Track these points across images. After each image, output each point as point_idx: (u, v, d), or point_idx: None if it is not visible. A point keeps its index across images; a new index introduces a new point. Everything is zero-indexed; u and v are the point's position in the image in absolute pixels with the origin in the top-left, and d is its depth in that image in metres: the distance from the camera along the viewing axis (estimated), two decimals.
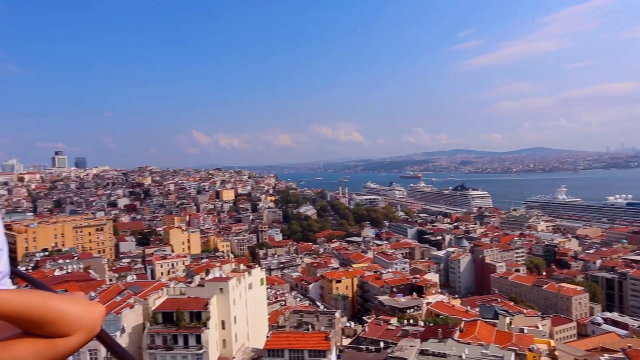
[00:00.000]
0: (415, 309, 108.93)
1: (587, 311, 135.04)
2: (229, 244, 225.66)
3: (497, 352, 57.34)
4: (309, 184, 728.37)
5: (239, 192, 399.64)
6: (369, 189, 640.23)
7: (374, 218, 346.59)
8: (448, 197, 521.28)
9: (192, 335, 58.01)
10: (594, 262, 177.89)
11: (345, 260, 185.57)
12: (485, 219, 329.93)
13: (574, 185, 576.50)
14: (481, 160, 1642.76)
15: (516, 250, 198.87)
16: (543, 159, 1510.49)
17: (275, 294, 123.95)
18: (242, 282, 70.87)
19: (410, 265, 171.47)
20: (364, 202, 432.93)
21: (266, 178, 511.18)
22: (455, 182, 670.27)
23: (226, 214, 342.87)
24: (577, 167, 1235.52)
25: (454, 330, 72.69)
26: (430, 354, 57.48)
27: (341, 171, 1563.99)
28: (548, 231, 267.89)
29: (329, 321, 77.29)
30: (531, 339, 75.13)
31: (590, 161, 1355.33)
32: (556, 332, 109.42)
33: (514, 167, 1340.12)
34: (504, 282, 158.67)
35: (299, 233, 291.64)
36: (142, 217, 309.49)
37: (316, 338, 61.51)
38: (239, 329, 66.98)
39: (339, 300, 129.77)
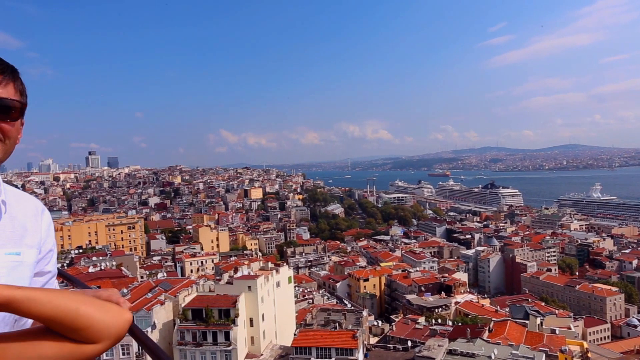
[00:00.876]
0: (444, 308, 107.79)
1: (622, 312, 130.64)
2: (257, 242, 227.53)
3: (528, 353, 56.25)
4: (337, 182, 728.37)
5: (267, 190, 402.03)
6: (397, 187, 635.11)
7: (402, 216, 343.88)
8: (477, 195, 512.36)
9: (221, 332, 59.11)
10: (629, 262, 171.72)
11: (372, 258, 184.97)
12: (516, 218, 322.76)
13: (609, 183, 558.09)
14: (512, 157, 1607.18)
15: (548, 250, 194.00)
16: (576, 156, 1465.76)
17: (302, 292, 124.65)
18: (270, 280, 71.64)
19: (438, 264, 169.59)
20: (392, 201, 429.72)
21: (294, 177, 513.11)
22: (485, 180, 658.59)
23: (254, 213, 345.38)
24: (613, 165, 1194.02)
25: (482, 330, 71.63)
26: (459, 354, 56.90)
27: (369, 169, 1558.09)
28: (581, 230, 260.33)
29: (356, 320, 77.28)
30: (563, 340, 73.30)
31: (626, 158, 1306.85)
32: (589, 334, 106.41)
33: (546, 164, 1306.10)
34: (535, 282, 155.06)
35: (326, 231, 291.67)
36: (172, 215, 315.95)
37: (343, 336, 61.70)
38: (267, 327, 67.78)
39: (367, 298, 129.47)
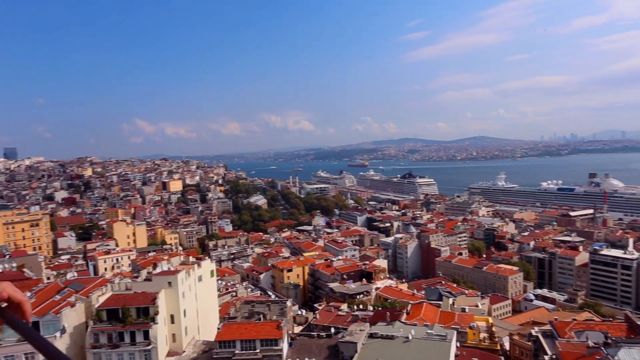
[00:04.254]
0: (365, 294, 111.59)
1: (521, 289, 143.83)
2: (177, 236, 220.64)
3: (441, 332, 60.01)
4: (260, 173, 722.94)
5: (187, 182, 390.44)
6: (319, 177, 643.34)
7: (324, 206, 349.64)
8: (396, 184, 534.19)
9: (139, 332, 56.64)
10: (528, 244, 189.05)
11: (296, 249, 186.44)
12: (431, 206, 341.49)
13: (512, 172, 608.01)
14: (428, 148, 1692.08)
15: (459, 235, 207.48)
16: (485, 148, 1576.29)
17: (226, 285, 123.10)
18: (192, 274, 69.78)
19: (360, 252, 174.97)
20: (314, 191, 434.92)
21: (215, 168, 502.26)
22: (403, 170, 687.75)
23: (174, 206, 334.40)
24: (515, 155, 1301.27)
25: (401, 313, 75.25)
26: (379, 336, 59.34)
27: (292, 160, 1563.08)
28: (488, 216, 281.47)
29: (281, 310, 77.71)
30: (472, 318, 79.19)
31: (526, 149, 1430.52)
32: (494, 310, 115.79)
33: (459, 155, 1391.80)
34: (448, 265, 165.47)
35: (249, 223, 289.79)
36: (82, 210, 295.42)
37: (268, 327, 61.83)
38: (189, 323, 66.07)
39: (290, 289, 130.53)
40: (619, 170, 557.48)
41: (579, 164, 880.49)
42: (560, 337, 61.73)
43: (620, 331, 63.39)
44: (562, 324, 67.30)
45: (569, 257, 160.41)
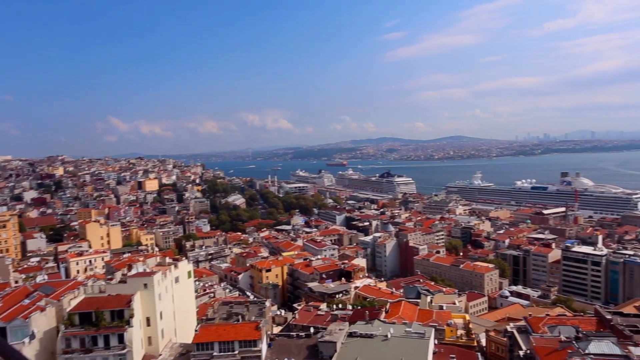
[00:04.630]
0: (344, 293, 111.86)
1: (497, 286, 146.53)
2: (154, 236, 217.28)
3: (419, 329, 60.54)
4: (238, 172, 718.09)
5: (163, 182, 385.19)
6: (298, 177, 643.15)
7: (303, 206, 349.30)
8: (375, 183, 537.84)
9: (113, 335, 55.37)
10: (503, 242, 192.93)
11: (275, 249, 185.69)
12: (410, 204, 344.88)
13: (488, 171, 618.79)
14: (406, 148, 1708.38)
15: (437, 233, 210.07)
16: (461, 147, 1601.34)
17: (203, 286, 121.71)
18: (168, 276, 68.67)
19: (338, 252, 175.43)
20: (293, 190, 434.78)
21: (192, 167, 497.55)
22: (381, 169, 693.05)
23: (150, 206, 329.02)
24: (491, 155, 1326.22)
25: (380, 312, 75.70)
26: (358, 335, 59.52)
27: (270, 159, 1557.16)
28: (465, 214, 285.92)
29: (260, 310, 77.13)
30: (449, 315, 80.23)
31: (501, 149, 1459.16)
32: (471, 307, 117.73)
33: (436, 154, 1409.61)
34: (426, 263, 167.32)
35: (227, 223, 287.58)
36: (53, 211, 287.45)
37: (246, 328, 61.28)
38: (165, 325, 65.00)
39: (269, 289, 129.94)
40: (589, 170, 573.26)
41: (551, 163, 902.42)
42: (534, 333, 63.05)
43: (591, 325, 65.13)
44: (536, 320, 68.74)
45: (542, 254, 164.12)
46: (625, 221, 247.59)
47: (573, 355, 51.29)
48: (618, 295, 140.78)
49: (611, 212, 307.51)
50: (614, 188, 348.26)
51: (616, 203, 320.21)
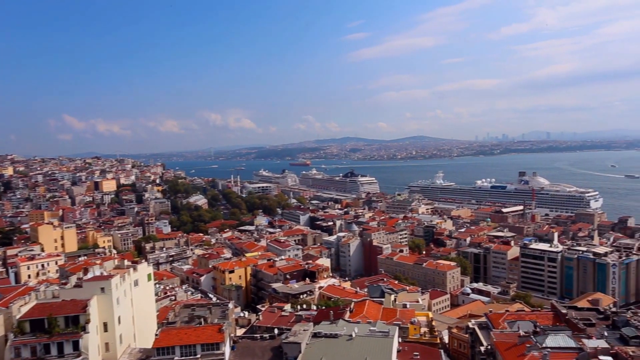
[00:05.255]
0: (308, 294, 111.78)
1: (459, 283, 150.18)
2: (111, 239, 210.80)
3: (383, 328, 61.18)
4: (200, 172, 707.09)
5: (121, 182, 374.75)
6: (261, 177, 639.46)
7: (266, 206, 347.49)
8: (338, 183, 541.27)
9: (68, 342, 53.04)
10: (464, 240, 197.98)
11: (238, 250, 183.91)
12: (373, 204, 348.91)
13: (450, 170, 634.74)
14: (369, 147, 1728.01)
15: (400, 232, 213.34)
16: (423, 147, 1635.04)
17: (164, 289, 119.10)
18: (127, 279, 66.61)
19: (303, 252, 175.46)
20: (256, 191, 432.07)
21: (152, 167, 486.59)
22: (345, 169, 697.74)
23: (107, 207, 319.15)
24: (452, 154, 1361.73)
25: (344, 312, 75.99)
26: (323, 336, 59.55)
27: (233, 159, 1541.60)
28: (427, 213, 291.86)
29: (222, 313, 76.02)
30: (412, 313, 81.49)
31: (462, 149, 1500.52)
32: (434, 305, 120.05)
33: (399, 154, 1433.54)
34: (390, 262, 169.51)
35: (189, 224, 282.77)
36: (2, 213, 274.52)
37: (209, 331, 60.20)
38: (124, 330, 63.01)
39: (232, 290, 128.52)
40: (544, 169, 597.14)
41: (509, 163, 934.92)
42: (494, 328, 64.86)
43: (548, 320, 67.66)
44: (496, 316, 70.79)
45: (502, 251, 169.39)
46: (578, 218, 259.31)
47: (531, 349, 53.07)
48: (572, 290, 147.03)
49: (566, 210, 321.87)
50: (568, 187, 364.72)
51: (570, 201, 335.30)
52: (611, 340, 56.96)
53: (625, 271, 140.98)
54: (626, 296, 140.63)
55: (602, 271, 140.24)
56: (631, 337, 57.08)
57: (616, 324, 62.83)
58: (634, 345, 55.17)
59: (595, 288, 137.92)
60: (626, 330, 59.25)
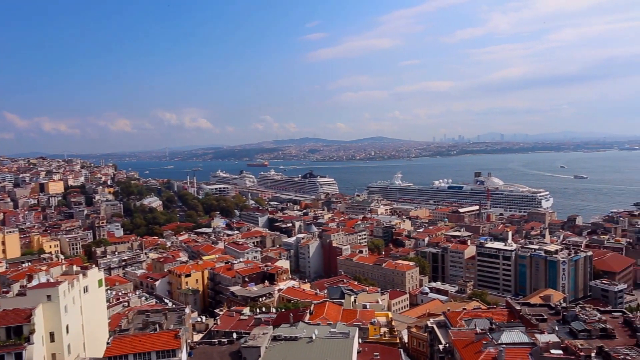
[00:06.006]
0: (267, 296, 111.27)
1: (418, 283, 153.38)
2: (58, 243, 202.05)
3: (344, 329, 61.60)
4: (156, 173, 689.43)
5: (69, 184, 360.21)
6: (218, 178, 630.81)
7: (224, 208, 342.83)
8: (297, 184, 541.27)
9: (9, 355, 50.18)
10: (423, 240, 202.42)
11: (194, 253, 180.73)
12: (332, 205, 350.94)
13: (408, 171, 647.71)
14: (328, 148, 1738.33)
15: (360, 233, 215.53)
16: (382, 148, 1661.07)
17: (116, 295, 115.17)
18: (76, 285, 63.96)
19: (261, 254, 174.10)
20: (213, 192, 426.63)
21: (103, 168, 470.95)
22: (304, 169, 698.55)
23: (54, 210, 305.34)
24: (410, 155, 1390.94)
25: (304, 314, 76.03)
26: (283, 339, 59.31)
27: (189, 160, 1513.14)
28: (386, 214, 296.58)
29: (179, 318, 74.54)
30: (372, 314, 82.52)
31: (420, 150, 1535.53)
32: (393, 305, 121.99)
33: (358, 155, 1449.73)
34: (349, 263, 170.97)
35: (143, 227, 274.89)
36: None
37: (164, 338, 58.76)
38: (72, 339, 60.42)
39: (189, 295, 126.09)
40: (499, 170, 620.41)
41: (466, 163, 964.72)
42: (452, 327, 66.73)
43: (503, 317, 70.30)
44: (454, 314, 72.81)
45: (459, 250, 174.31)
46: (531, 218, 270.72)
47: (487, 345, 54.89)
48: (526, 287, 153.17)
49: (519, 210, 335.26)
50: (521, 187, 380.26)
51: (523, 201, 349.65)
52: (561, 334, 59.82)
53: (574, 268, 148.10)
54: (575, 291, 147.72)
55: (553, 268, 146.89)
56: (579, 331, 60.25)
57: (566, 319, 66.10)
58: (582, 339, 58.20)
59: (547, 284, 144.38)
60: (575, 325, 62.42)
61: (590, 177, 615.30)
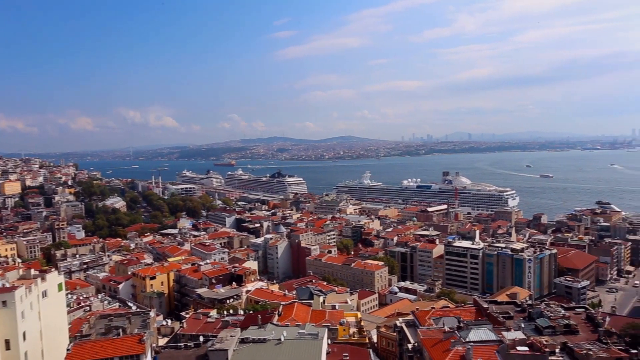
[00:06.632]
0: (235, 298, 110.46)
1: (387, 283, 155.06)
2: (15, 246, 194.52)
3: (312, 331, 61.63)
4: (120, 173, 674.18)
5: (27, 184, 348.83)
6: (184, 177, 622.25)
7: (190, 208, 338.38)
8: (265, 184, 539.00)
9: None
10: (392, 239, 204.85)
11: (160, 254, 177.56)
12: (301, 205, 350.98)
13: (377, 170, 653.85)
14: (297, 147, 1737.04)
15: (328, 233, 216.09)
16: (351, 147, 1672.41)
17: (77, 299, 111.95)
18: (34, 290, 61.76)
19: (229, 255, 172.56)
20: (179, 192, 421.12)
21: (63, 167, 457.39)
22: (272, 169, 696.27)
23: (10, 211, 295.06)
24: (379, 155, 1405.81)
25: (273, 315, 75.75)
26: (251, 341, 58.84)
27: (154, 159, 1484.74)
28: (355, 213, 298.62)
29: (143, 322, 72.94)
30: (341, 314, 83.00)
31: (389, 149, 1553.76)
32: (362, 305, 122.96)
33: (327, 154, 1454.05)
34: (318, 263, 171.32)
35: (105, 228, 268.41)
36: None
37: (128, 342, 57.47)
38: (30, 347, 58.34)
39: (154, 298, 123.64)
40: (466, 169, 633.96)
41: (434, 163, 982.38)
42: (421, 326, 67.82)
43: (470, 315, 71.91)
44: (423, 313, 74.03)
45: (427, 250, 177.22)
46: (498, 216, 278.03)
47: (456, 344, 56.04)
48: (493, 285, 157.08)
49: (486, 208, 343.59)
50: (488, 186, 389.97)
51: (490, 200, 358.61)
52: (527, 331, 61.76)
53: (539, 265, 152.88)
54: (540, 289, 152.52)
55: (519, 266, 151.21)
56: (544, 327, 62.34)
57: (532, 316, 68.25)
58: (547, 335, 60.32)
59: (513, 282, 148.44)
60: (540, 321, 64.52)
61: (555, 176, 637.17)
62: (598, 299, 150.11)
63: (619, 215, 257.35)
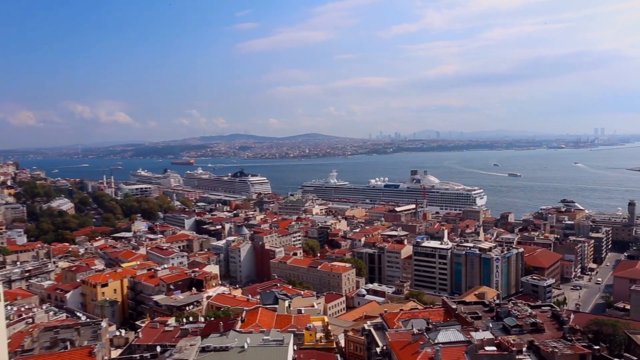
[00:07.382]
0: (195, 304, 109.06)
1: (354, 285, 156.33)
2: None
3: (278, 337, 61.50)
4: (67, 172, 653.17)
5: None
6: (139, 177, 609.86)
7: (146, 209, 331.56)
8: (227, 184, 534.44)
9: None
10: (359, 240, 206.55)
11: (112, 260, 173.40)
12: (265, 205, 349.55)
13: (343, 169, 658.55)
14: (260, 145, 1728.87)
15: (294, 235, 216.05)
16: (317, 145, 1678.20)
17: (19, 310, 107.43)
18: None
19: (188, 259, 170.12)
20: (134, 192, 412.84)
21: (2, 166, 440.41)
22: (234, 168, 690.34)
23: None
24: (346, 153, 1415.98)
25: (235, 322, 75.07)
26: (212, 349, 58.16)
27: (106, 157, 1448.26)
28: (322, 214, 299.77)
29: (94, 333, 71.18)
30: (308, 318, 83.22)
31: (356, 147, 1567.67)
32: (330, 308, 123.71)
33: (291, 152, 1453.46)
34: (283, 266, 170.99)
35: (51, 233, 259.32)
36: None
37: (77, 356, 55.93)
38: None
39: (106, 306, 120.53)
40: (434, 168, 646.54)
41: (402, 161, 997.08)
42: (389, 328, 68.70)
43: (439, 316, 73.48)
44: (391, 315, 75.04)
45: (395, 250, 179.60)
46: (466, 216, 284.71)
47: (424, 346, 57.09)
48: (462, 285, 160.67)
49: (454, 208, 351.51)
50: (456, 185, 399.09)
51: (458, 199, 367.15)
52: (495, 330, 63.67)
53: (507, 265, 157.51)
54: (508, 288, 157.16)
55: (487, 265, 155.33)
56: (512, 327, 64.47)
57: (499, 315, 70.44)
58: (515, 334, 62.38)
59: (482, 282, 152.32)
60: (508, 321, 66.67)
61: (522, 175, 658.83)
62: (563, 296, 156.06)
63: (583, 213, 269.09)
